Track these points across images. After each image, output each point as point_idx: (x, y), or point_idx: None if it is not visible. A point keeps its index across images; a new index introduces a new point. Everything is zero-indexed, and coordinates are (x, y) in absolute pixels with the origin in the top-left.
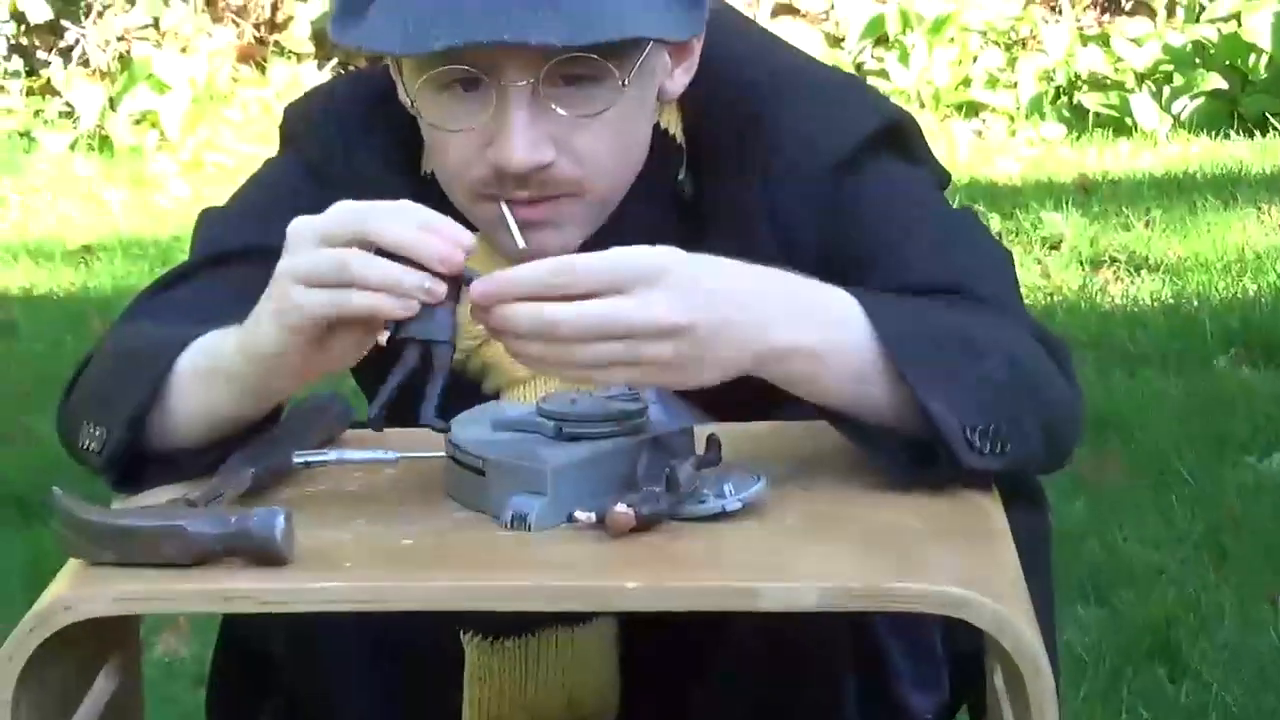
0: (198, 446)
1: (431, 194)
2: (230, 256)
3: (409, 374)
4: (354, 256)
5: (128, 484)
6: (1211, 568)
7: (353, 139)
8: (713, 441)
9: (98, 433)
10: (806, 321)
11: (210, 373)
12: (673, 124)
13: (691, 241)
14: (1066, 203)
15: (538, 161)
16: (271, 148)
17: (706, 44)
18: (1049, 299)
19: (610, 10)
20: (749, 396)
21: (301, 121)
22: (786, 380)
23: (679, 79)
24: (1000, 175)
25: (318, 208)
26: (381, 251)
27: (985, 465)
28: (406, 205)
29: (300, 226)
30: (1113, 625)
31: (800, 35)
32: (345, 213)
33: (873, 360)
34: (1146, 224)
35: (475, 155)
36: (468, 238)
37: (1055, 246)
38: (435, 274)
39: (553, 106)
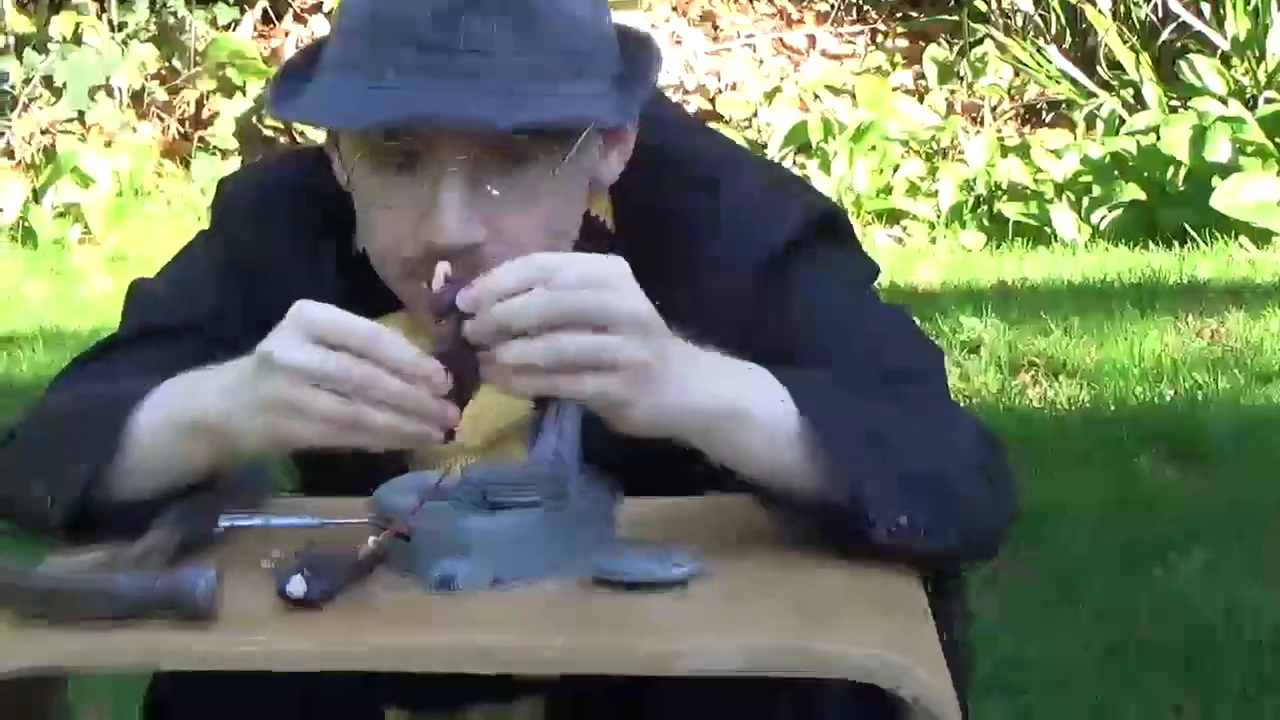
0: (151, 500)
1: (361, 272)
2: (161, 330)
3: None
4: (378, 375)
5: (77, 538)
6: (1117, 673)
7: (281, 217)
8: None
9: (50, 489)
10: (739, 385)
11: (173, 431)
12: (604, 211)
13: None
14: (985, 308)
15: (468, 241)
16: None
17: (643, 134)
18: (968, 402)
19: (548, 93)
20: (665, 476)
21: (233, 199)
22: (711, 442)
23: (614, 165)
24: (921, 280)
25: (242, 287)
26: None
27: (899, 543)
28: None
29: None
30: None
31: None
32: (351, 322)
33: (795, 434)
34: (1065, 330)
35: (407, 233)
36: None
37: (974, 350)
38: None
39: (487, 187)
